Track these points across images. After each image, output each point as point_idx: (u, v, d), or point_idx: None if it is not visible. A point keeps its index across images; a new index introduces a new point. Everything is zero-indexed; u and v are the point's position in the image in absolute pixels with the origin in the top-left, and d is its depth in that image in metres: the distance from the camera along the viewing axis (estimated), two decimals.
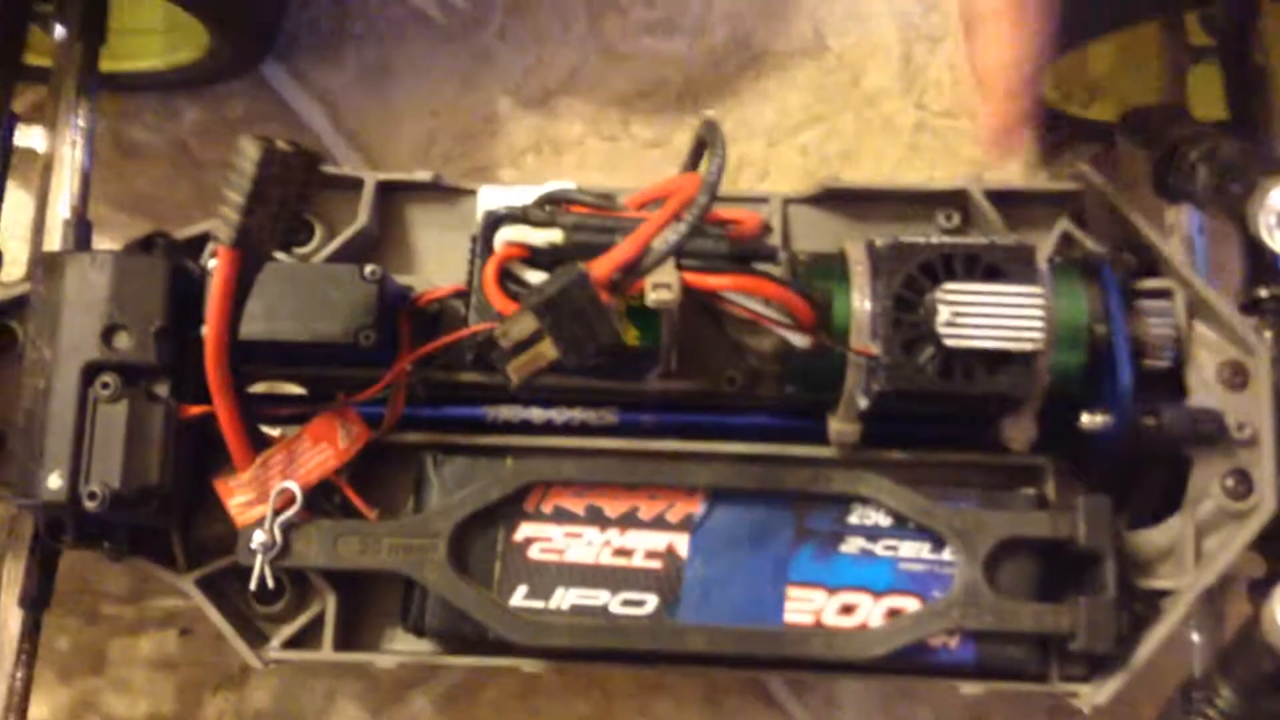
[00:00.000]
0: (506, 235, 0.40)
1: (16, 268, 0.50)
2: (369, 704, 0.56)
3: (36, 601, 0.47)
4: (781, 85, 0.61)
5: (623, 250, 0.37)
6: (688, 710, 0.56)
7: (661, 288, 0.38)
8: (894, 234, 0.42)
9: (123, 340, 0.40)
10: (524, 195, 0.44)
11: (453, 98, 0.61)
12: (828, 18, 0.61)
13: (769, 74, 0.61)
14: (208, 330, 0.38)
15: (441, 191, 0.49)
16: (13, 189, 0.52)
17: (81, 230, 0.49)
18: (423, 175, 0.48)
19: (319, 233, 0.47)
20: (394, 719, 0.56)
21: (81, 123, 0.50)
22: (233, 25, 0.54)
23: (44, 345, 0.40)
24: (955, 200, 0.46)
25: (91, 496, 0.39)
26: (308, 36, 0.61)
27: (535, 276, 0.40)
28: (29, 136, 0.53)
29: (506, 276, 0.40)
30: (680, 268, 0.39)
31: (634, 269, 0.38)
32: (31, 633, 0.47)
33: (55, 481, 0.39)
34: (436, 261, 0.49)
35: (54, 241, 0.49)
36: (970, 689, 0.43)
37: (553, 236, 0.40)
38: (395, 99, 0.61)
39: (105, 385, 0.40)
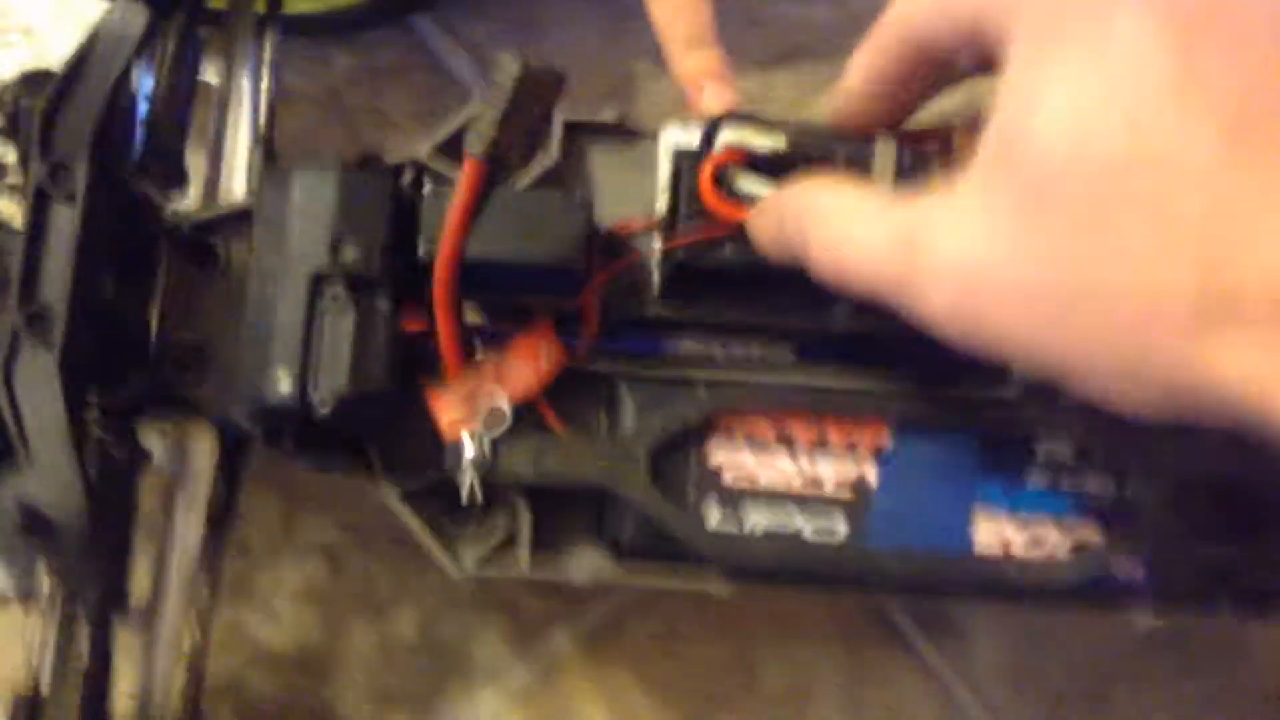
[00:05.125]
0: (729, 137, 0.41)
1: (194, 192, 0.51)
2: (511, 638, 0.57)
3: (223, 516, 0.48)
4: None
5: None
6: (826, 655, 0.57)
7: None
8: None
9: (349, 253, 0.41)
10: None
11: (596, 54, 0.63)
12: None
13: None
14: (445, 241, 0.40)
15: (622, 133, 0.50)
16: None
17: (269, 156, 0.50)
18: (608, 115, 0.49)
19: None
20: (536, 653, 0.57)
21: (267, 53, 0.51)
22: None
23: (271, 255, 0.41)
24: None
25: (321, 401, 0.40)
26: None
27: (749, 183, 0.41)
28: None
29: (721, 181, 0.41)
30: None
31: None
32: (217, 547, 0.48)
33: (284, 386, 0.40)
34: (613, 201, 0.50)
35: (234, 167, 0.51)
36: (1145, 619, 0.44)
37: (776, 142, 0.41)
38: (540, 54, 0.62)
39: (334, 295, 0.41)
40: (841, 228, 0.33)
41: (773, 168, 0.41)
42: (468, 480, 0.43)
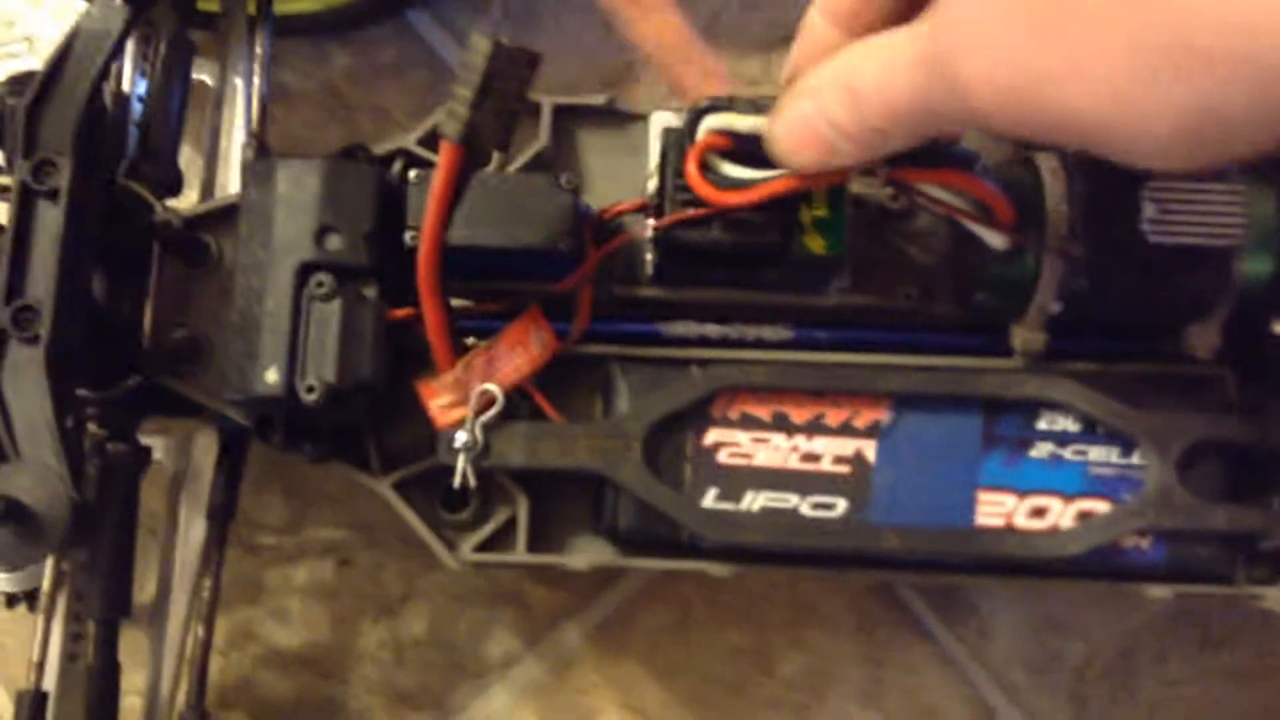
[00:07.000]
0: (711, 123, 0.41)
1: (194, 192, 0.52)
2: (523, 633, 0.57)
3: (222, 512, 0.48)
4: None
5: None
6: (840, 640, 0.56)
7: (868, 174, 0.39)
8: None
9: (334, 242, 0.41)
10: None
11: (596, 44, 0.62)
12: None
13: None
14: (425, 226, 0.39)
15: (613, 116, 0.49)
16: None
17: (261, 153, 0.50)
18: (597, 99, 0.49)
19: (495, 155, 0.48)
20: (548, 648, 0.56)
21: (259, 50, 0.51)
22: None
23: (257, 246, 0.41)
24: None
25: (309, 390, 0.40)
26: None
27: (731, 169, 0.41)
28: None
29: (704, 168, 0.41)
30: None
31: None
32: (218, 543, 0.48)
33: (272, 376, 0.40)
34: (606, 184, 0.49)
35: (230, 166, 0.51)
36: (1158, 592, 0.43)
37: (758, 124, 0.40)
38: (539, 45, 0.62)
39: (319, 284, 0.41)
40: (883, 64, 0.34)
41: (752, 154, 0.40)
42: (459, 467, 0.42)
